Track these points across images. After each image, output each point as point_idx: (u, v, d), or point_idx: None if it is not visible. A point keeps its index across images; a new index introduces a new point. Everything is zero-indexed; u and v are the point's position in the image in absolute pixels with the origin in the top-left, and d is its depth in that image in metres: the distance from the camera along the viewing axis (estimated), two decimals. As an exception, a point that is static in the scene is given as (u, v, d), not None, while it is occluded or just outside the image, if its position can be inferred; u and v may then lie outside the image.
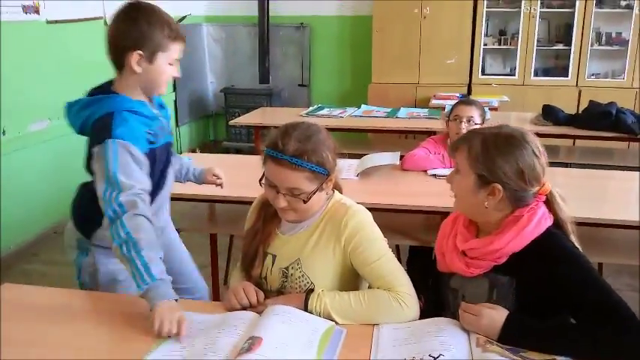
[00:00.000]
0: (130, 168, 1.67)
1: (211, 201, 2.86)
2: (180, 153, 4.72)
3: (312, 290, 1.56)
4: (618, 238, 2.75)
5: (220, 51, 6.86)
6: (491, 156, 1.45)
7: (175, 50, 1.78)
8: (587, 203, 2.54)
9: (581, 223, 1.57)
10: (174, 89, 6.15)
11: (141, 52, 1.72)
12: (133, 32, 1.71)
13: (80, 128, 1.80)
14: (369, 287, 1.61)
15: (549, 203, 1.51)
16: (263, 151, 1.57)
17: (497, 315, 1.41)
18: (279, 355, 1.31)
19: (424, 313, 1.62)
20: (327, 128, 1.64)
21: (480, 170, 1.46)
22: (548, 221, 1.49)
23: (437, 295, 1.68)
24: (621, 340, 1.30)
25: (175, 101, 6.20)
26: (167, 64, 1.78)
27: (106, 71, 1.86)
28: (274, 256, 1.66)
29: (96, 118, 1.74)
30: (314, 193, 1.54)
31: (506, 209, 1.49)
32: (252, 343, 1.33)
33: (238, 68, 6.76)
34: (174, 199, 2.83)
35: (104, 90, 1.80)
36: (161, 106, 1.94)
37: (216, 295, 3.04)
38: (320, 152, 1.53)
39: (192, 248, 2.33)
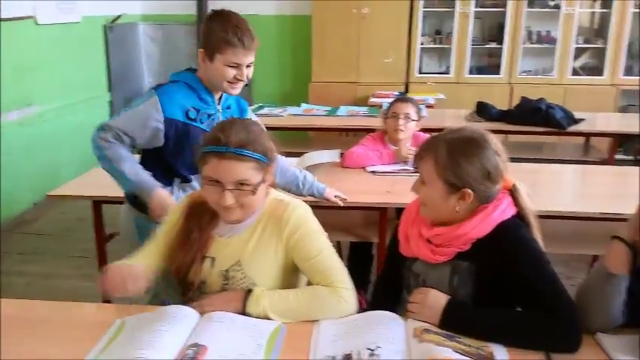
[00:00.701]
0: (136, 118, 2.02)
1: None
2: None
3: (250, 290, 1.54)
4: (550, 228, 2.85)
5: (157, 50, 6.72)
6: (458, 162, 1.46)
7: (231, 54, 1.98)
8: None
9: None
10: (110, 89, 6.01)
11: (203, 50, 2.02)
12: (203, 33, 2.03)
13: None
14: (308, 283, 1.63)
15: (513, 197, 1.55)
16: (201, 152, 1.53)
17: (442, 296, 1.47)
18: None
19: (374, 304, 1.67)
20: (267, 127, 1.65)
21: (448, 177, 1.47)
22: (512, 210, 1.53)
23: (397, 278, 1.70)
24: (556, 332, 1.36)
25: (111, 102, 6.06)
26: (224, 65, 1.99)
27: (35, 71, 1.83)
28: (213, 259, 1.62)
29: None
30: (260, 185, 1.53)
31: (474, 206, 1.52)
32: (196, 351, 1.31)
33: (176, 68, 6.48)
34: (106, 201, 2.79)
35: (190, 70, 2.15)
36: (228, 107, 2.21)
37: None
38: (262, 141, 1.53)
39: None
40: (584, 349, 1.37)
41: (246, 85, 2.11)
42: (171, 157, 2.11)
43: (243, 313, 1.51)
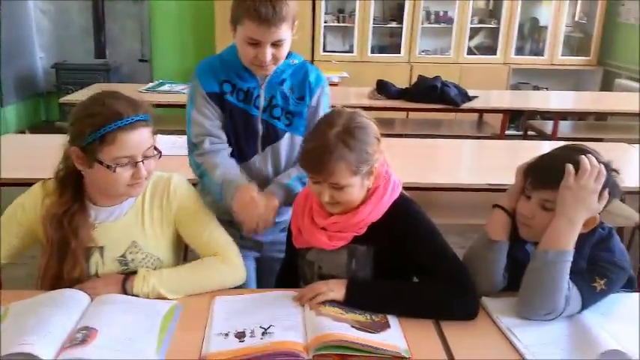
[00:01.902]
0: (199, 111, 1.77)
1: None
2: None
3: (132, 273, 1.51)
4: (446, 200, 3.00)
5: (49, 24, 6.34)
6: (363, 150, 1.44)
7: (246, 27, 1.61)
8: (420, 170, 2.74)
9: (414, 188, 1.68)
10: (-3, 65, 5.63)
11: (230, 20, 1.68)
12: None
13: None
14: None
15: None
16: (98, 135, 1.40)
17: (340, 280, 1.48)
18: (115, 346, 1.25)
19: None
20: (168, 104, 1.61)
21: (362, 169, 1.45)
22: (400, 187, 1.57)
23: (292, 269, 1.70)
24: (455, 301, 1.42)
25: (0, 80, 5.67)
26: (242, 40, 1.65)
27: None
28: (102, 248, 1.54)
29: None
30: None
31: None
32: (86, 334, 1.26)
33: (71, 42, 6.29)
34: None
35: None
36: (281, 83, 1.79)
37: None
38: (144, 102, 1.49)
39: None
40: (469, 311, 1.45)
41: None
42: None
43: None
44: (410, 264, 1.52)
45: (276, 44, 1.64)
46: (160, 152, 1.52)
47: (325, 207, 1.53)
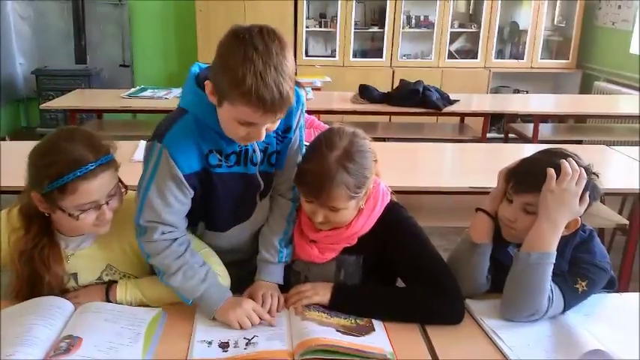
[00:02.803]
0: (160, 194, 1.42)
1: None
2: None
3: (113, 282, 1.51)
4: (429, 203, 3.01)
5: (29, 29, 6.28)
6: (362, 175, 1.41)
7: (243, 112, 1.27)
8: (402, 173, 2.75)
9: (397, 191, 1.69)
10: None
11: (211, 84, 1.33)
12: (215, 59, 1.32)
13: None
14: None
15: None
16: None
17: (327, 284, 1.49)
18: (100, 354, 1.24)
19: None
20: (150, 110, 1.55)
21: (360, 193, 1.44)
22: (389, 194, 1.57)
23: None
24: (443, 305, 1.43)
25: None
26: (232, 118, 1.31)
27: None
28: (75, 275, 1.52)
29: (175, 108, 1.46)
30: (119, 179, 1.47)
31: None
32: (70, 343, 1.26)
33: (51, 48, 6.23)
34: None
35: (204, 78, 1.36)
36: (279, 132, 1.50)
37: None
38: (105, 140, 1.44)
39: None
40: (454, 314, 1.46)
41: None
42: (200, 207, 1.53)
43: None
44: (400, 269, 1.53)
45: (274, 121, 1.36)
46: (127, 187, 1.48)
47: (315, 224, 1.51)
